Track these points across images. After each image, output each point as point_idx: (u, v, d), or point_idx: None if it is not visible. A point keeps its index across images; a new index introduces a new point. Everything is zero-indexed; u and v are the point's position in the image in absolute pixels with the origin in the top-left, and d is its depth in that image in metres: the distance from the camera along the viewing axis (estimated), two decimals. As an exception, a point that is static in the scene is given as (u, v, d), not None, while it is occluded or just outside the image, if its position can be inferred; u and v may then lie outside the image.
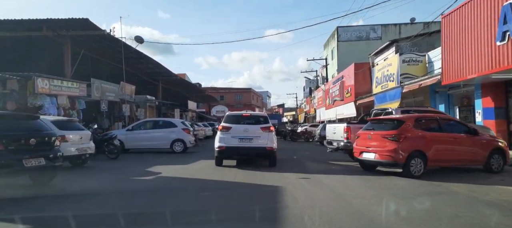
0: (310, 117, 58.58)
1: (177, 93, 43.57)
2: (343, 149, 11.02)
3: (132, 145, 15.25)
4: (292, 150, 18.42)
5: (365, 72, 27.12)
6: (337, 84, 32.17)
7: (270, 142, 10.61)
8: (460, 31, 12.81)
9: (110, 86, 20.50)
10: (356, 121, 15.66)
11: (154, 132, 15.37)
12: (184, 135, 15.38)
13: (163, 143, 15.26)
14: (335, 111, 33.50)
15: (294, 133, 27.50)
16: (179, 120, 16.07)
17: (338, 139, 11.01)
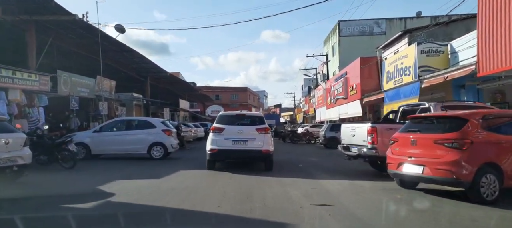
0: (309, 117, 56.13)
1: (168, 91, 40.90)
2: (366, 157, 8.43)
3: (101, 150, 12.68)
4: (295, 154, 15.90)
5: (372, 67, 24.66)
6: (340, 81, 29.70)
7: (266, 144, 9.90)
8: (504, 9, 10.30)
9: (83, 80, 17.88)
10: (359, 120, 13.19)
11: (127, 134, 12.75)
12: (164, 138, 12.77)
13: (139, 148, 12.66)
14: (338, 110, 31.05)
15: (295, 135, 25.01)
16: (159, 120, 13.46)
17: (359, 143, 8.44)
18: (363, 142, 8.19)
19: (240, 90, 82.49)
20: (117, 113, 21.52)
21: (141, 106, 31.81)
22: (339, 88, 29.98)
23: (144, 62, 27.50)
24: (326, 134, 19.27)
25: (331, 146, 19.22)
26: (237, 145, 9.80)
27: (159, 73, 31.52)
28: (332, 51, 40.49)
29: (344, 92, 28.61)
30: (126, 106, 28.99)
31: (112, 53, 23.78)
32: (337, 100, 31.58)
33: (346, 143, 9.29)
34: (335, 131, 19.41)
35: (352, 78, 26.97)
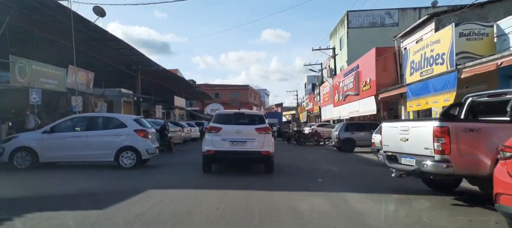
0: (313, 116, 53.24)
1: (164, 89, 38.02)
2: (433, 175, 5.35)
3: (52, 157, 9.82)
4: (306, 162, 13.01)
5: (388, 59, 21.76)
6: (351, 75, 26.80)
7: (267, 145, 9.29)
8: None
9: (49, 69, 14.98)
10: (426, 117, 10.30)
11: (88, 136, 9.76)
12: (137, 140, 9.80)
13: (103, 154, 9.72)
14: (348, 108, 28.19)
15: (301, 135, 22.08)
16: (131, 117, 10.43)
17: (418, 152, 5.39)
18: (426, 151, 5.19)
19: (241, 88, 79.54)
20: (95, 109, 18.63)
21: (131, 104, 28.98)
22: (350, 84, 27.09)
23: (132, 54, 24.62)
24: (340, 135, 16.42)
25: (347, 149, 16.38)
26: (235, 146, 9.16)
27: (151, 66, 28.61)
28: (339, 44, 37.54)
29: (355, 88, 25.72)
30: (114, 103, 26.17)
31: (94, 42, 20.93)
32: (346, 97, 28.70)
33: (392, 151, 6.26)
34: (351, 131, 16.55)
35: (365, 71, 24.07)
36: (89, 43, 21.09)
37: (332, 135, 17.76)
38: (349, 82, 27.16)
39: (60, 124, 9.92)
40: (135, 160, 9.72)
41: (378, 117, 24.39)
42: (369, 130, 16.50)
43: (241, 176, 9.28)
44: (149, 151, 9.94)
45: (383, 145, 6.60)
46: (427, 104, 15.15)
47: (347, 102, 28.63)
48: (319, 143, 21.83)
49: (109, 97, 25.17)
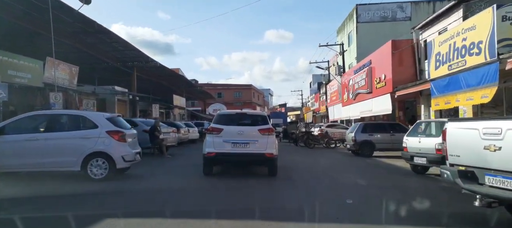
0: (319, 116, 51.21)
1: (163, 87, 36.17)
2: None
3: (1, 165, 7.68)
4: (323, 170, 11.04)
5: (406, 53, 19.71)
6: (362, 72, 24.76)
7: (270, 147, 8.92)
8: None
9: (21, 61, 13.08)
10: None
11: (48, 139, 7.73)
12: (111, 145, 7.83)
13: (67, 161, 7.70)
14: (358, 107, 26.14)
15: (310, 137, 20.03)
16: (104, 115, 8.19)
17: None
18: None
19: (244, 87, 77.63)
20: (80, 108, 16.75)
21: (126, 102, 27.12)
22: (361, 81, 25.04)
23: (127, 48, 22.75)
24: (356, 137, 14.39)
25: (364, 153, 14.38)
26: (237, 148, 8.87)
27: (147, 63, 26.73)
28: (348, 40, 35.51)
29: (367, 85, 23.68)
30: (107, 102, 24.34)
31: (83, 35, 19.09)
32: (357, 96, 26.66)
33: (469, 165, 4.16)
34: (369, 132, 14.53)
35: (379, 67, 22.04)
36: (77, 36, 19.26)
37: (346, 137, 15.73)
38: (361, 79, 25.12)
39: (11, 124, 7.88)
40: (107, 169, 7.73)
41: (391, 117, 22.37)
42: (389, 131, 14.52)
43: (243, 191, 7.35)
44: (127, 158, 7.95)
45: (450, 155, 4.54)
46: (457, 101, 13.10)
47: (357, 101, 26.59)
48: (330, 146, 19.83)
49: (101, 95, 23.33)
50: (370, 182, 9.02)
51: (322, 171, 10.66)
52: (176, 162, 12.57)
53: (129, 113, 27.06)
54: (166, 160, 12.63)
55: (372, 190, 7.95)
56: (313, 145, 19.59)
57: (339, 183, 8.80)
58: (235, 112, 10.33)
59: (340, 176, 9.71)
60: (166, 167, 11.31)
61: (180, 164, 12.20)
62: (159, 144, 13.47)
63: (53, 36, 13.40)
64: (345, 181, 9.07)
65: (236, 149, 8.78)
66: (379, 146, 14.39)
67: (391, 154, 15.28)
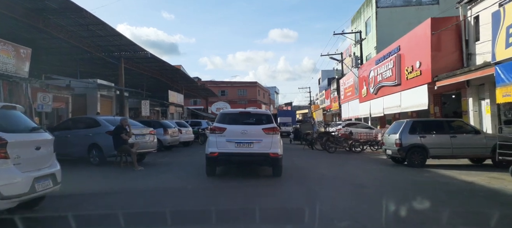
0: (330, 114, 47.37)
1: (160, 84, 32.54)
2: None
3: None
4: (367, 195, 7.28)
5: (448, 34, 15.87)
6: (388, 61, 20.95)
7: (275, 146, 8.65)
8: None
9: None
10: None
11: None
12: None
13: None
14: (382, 102, 22.39)
15: (331, 138, 16.04)
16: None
17: None
18: None
19: (249, 85, 73.89)
20: (34, 105, 13.10)
21: (113, 98, 23.55)
22: (386, 72, 21.24)
23: (108, 34, 19.13)
24: (402, 139, 10.50)
25: (413, 163, 10.48)
26: (240, 147, 8.61)
27: (136, 53, 23.10)
28: (365, 28, 31.62)
29: (395, 76, 19.87)
30: (88, 98, 20.80)
31: (53, 16, 15.58)
32: (380, 89, 22.89)
33: None
34: (420, 133, 10.65)
35: (411, 54, 18.25)
36: (44, 17, 15.74)
37: (385, 140, 11.85)
38: (386, 70, 21.31)
39: None
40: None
41: (423, 114, 18.60)
42: (448, 131, 10.66)
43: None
44: (6, 192, 4.18)
45: None
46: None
47: (381, 96, 22.81)
48: (353, 149, 16.02)
49: (79, 90, 19.77)
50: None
51: (367, 199, 6.82)
52: (149, 179, 8.69)
53: (115, 111, 23.50)
54: (134, 177, 8.85)
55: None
56: (333, 148, 15.78)
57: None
58: (239, 111, 9.93)
59: (415, 216, 5.75)
60: (124, 194, 7.29)
61: (154, 183, 8.37)
62: (127, 150, 9.91)
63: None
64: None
65: (240, 149, 8.61)
66: (434, 153, 10.51)
67: (451, 163, 11.47)
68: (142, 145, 10.58)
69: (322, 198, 6.70)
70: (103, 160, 10.55)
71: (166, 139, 15.72)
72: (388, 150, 11.41)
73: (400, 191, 7.50)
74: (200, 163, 12.17)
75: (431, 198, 6.62)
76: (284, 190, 7.53)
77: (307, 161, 12.90)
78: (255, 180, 8.87)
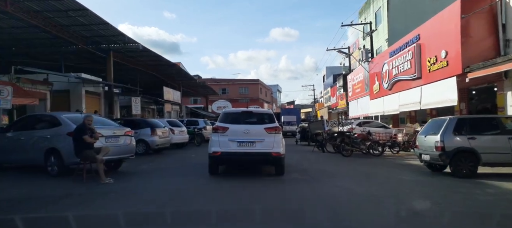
0: (335, 112, 45.20)
1: (156, 80, 30.42)
2: None
3: None
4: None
5: (481, 17, 13.69)
6: (406, 52, 18.78)
7: (277, 146, 8.70)
8: None
9: None
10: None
11: None
12: None
13: None
14: (397, 99, 20.25)
15: (346, 140, 13.56)
16: None
17: None
18: None
19: (251, 82, 71.72)
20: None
21: (100, 95, 21.45)
22: (404, 64, 19.05)
23: (93, 22, 17.07)
24: (444, 141, 8.23)
25: (460, 172, 8.18)
26: (243, 147, 8.64)
27: (126, 45, 21.02)
28: (375, 19, 29.42)
29: (414, 69, 17.69)
30: (71, 94, 18.76)
31: None
32: (395, 84, 20.71)
33: None
34: (468, 134, 8.32)
35: (434, 42, 16.08)
36: (13, 0, 13.71)
37: (420, 142, 9.50)
38: (403, 62, 19.11)
39: None
40: None
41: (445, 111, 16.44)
42: (506, 131, 8.41)
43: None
44: None
45: None
46: None
47: (396, 91, 20.64)
48: (373, 152, 13.81)
49: (62, 85, 17.70)
50: None
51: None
52: (105, 202, 6.22)
53: (104, 110, 21.42)
54: (91, 194, 6.59)
55: None
56: (350, 151, 13.55)
57: None
58: (241, 110, 10.02)
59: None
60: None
61: (107, 214, 5.49)
62: (91, 157, 7.63)
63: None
64: None
65: (242, 148, 8.66)
66: (488, 159, 8.21)
67: (509, 171, 9.11)
68: (115, 150, 8.39)
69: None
70: (64, 169, 8.30)
71: (154, 141, 13.58)
72: (425, 155, 9.16)
73: (480, 222, 5.23)
74: (191, 170, 10.07)
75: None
76: (300, 220, 5.31)
77: (322, 168, 10.73)
78: (269, 200, 6.71)
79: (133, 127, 13.81)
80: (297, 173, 9.57)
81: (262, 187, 7.73)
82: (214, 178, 8.67)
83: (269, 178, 8.76)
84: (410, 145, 14.65)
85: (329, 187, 7.68)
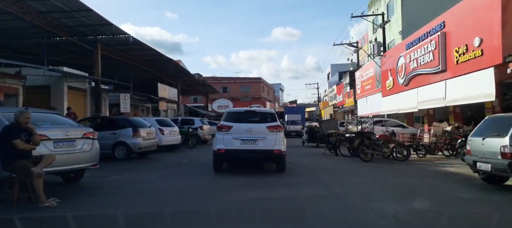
0: (341, 111, 43.10)
1: (150, 77, 28.37)
2: None
3: None
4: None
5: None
6: (427, 42, 16.69)
7: (278, 143, 9.10)
8: None
9: None
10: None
11: None
12: None
13: None
14: (415, 95, 18.16)
15: (366, 142, 11.13)
16: None
17: None
18: None
19: (253, 81, 69.62)
20: None
21: (86, 92, 19.43)
22: (425, 56, 16.96)
23: (73, 8, 15.08)
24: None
25: None
26: (246, 144, 9.05)
27: (114, 36, 19.00)
28: (386, 11, 27.28)
29: (438, 61, 15.60)
30: (52, 90, 16.77)
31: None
32: (413, 79, 18.63)
33: None
34: None
35: (463, 30, 14.00)
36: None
37: (473, 146, 7.30)
38: (423, 53, 17.01)
39: None
40: None
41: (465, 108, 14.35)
42: None
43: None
44: None
45: None
46: None
47: (414, 87, 18.55)
48: (396, 156, 11.65)
49: (42, 80, 15.70)
50: None
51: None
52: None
53: (90, 108, 19.40)
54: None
55: None
56: (370, 155, 11.37)
57: None
58: (244, 110, 10.49)
59: None
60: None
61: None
62: (24, 170, 5.44)
63: None
64: None
65: (245, 145, 8.96)
66: None
67: None
68: (67, 158, 6.29)
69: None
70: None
71: (137, 143, 11.47)
72: (483, 164, 7.00)
73: None
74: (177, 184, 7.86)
75: None
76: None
77: (344, 180, 8.58)
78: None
79: (112, 127, 11.83)
80: (313, 187, 7.51)
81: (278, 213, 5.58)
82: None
83: (279, 197, 6.66)
84: (438, 148, 12.52)
85: (365, 212, 5.49)
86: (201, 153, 14.56)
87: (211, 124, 31.73)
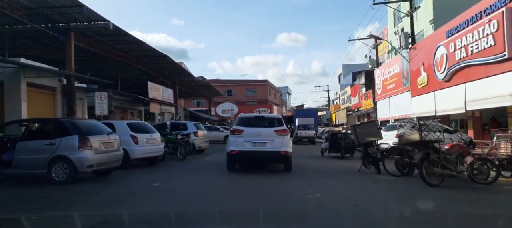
0: (354, 115, 39.30)
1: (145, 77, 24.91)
2: None
3: None
4: None
5: None
6: (482, 24, 13.05)
7: (285, 146, 10.04)
8: None
9: None
10: None
11: None
12: None
13: None
14: (463, 92, 14.51)
15: (434, 156, 7.21)
16: None
17: None
18: None
19: (259, 83, 65.90)
20: None
21: (56, 90, 15.95)
22: (479, 42, 13.29)
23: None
24: None
25: None
26: (256, 146, 9.97)
27: (91, 23, 15.59)
28: None
29: (503, 46, 11.90)
30: (5, 87, 13.36)
31: None
32: (459, 72, 14.98)
33: None
34: None
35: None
36: None
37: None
38: (479, 38, 13.32)
39: None
40: None
41: None
42: None
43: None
44: None
45: None
46: None
47: (459, 82, 14.90)
48: (475, 178, 7.64)
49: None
50: None
51: None
52: None
53: (61, 110, 15.96)
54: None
55: None
56: (441, 177, 7.37)
57: None
58: (254, 116, 11.50)
59: None
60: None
61: None
62: None
63: None
64: None
65: (256, 147, 9.90)
66: None
67: None
68: None
69: None
70: None
71: (84, 159, 7.28)
72: None
73: None
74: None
75: None
76: None
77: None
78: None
79: (48, 135, 8.03)
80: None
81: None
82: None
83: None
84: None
85: None
86: (189, 170, 10.92)
87: (211, 130, 28.18)
